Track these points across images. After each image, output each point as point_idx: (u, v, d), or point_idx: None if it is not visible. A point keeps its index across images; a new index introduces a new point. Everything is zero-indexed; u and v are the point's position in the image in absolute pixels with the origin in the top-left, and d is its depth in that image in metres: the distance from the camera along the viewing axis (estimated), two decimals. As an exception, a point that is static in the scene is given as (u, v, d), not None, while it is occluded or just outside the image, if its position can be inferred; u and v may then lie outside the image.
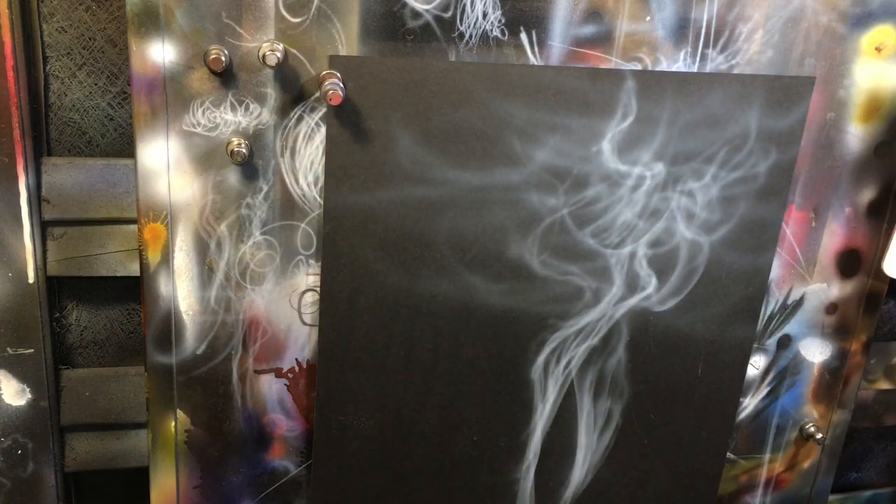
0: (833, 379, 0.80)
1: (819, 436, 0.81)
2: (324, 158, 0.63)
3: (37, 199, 0.66)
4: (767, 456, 0.82)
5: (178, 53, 0.58)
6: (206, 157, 0.61)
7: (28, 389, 0.70)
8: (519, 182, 0.65)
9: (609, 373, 0.73)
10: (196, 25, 0.58)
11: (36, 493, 0.74)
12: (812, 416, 0.81)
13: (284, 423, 0.71)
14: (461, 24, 0.61)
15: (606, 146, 0.65)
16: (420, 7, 0.60)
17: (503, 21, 0.61)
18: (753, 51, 0.65)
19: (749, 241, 0.70)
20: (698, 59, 0.65)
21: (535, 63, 0.63)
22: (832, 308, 0.77)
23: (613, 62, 0.64)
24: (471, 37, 0.61)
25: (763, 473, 0.83)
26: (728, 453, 0.80)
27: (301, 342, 0.68)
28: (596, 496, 0.77)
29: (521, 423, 0.74)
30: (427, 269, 0.67)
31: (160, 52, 0.58)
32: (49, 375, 0.71)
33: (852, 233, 0.74)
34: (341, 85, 0.59)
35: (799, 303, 0.76)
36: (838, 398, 0.81)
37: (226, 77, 0.59)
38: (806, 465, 0.84)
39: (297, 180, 0.63)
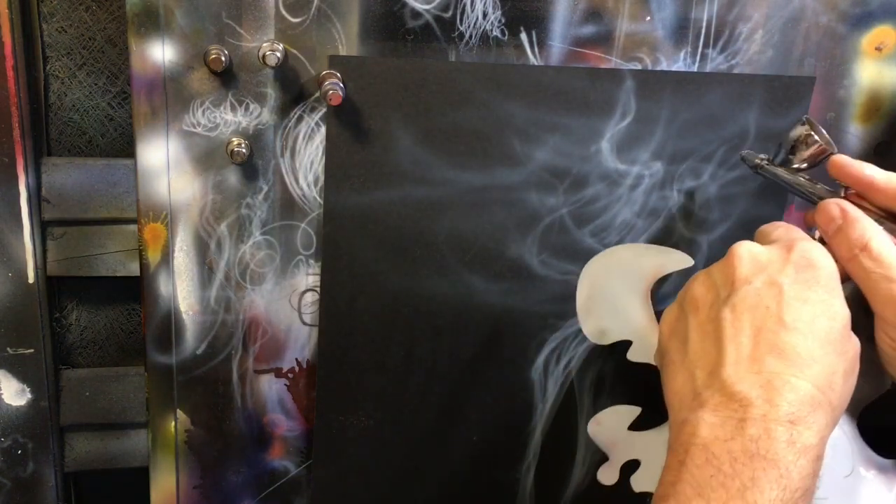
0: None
1: None
2: (324, 158, 0.63)
3: (37, 199, 0.66)
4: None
5: (178, 53, 0.58)
6: (206, 157, 0.61)
7: (28, 389, 0.70)
8: (519, 182, 0.65)
9: (609, 373, 0.73)
10: (196, 25, 0.58)
11: (36, 493, 0.74)
12: None
13: (284, 423, 0.71)
14: (461, 24, 0.61)
15: (605, 145, 0.66)
16: (420, 7, 0.60)
17: (503, 21, 0.61)
18: (753, 51, 0.65)
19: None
20: (698, 59, 0.65)
21: (535, 63, 0.63)
22: (832, 308, 0.77)
23: (613, 62, 0.64)
24: (471, 37, 0.61)
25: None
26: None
27: (301, 342, 0.68)
28: (596, 496, 0.77)
29: (521, 423, 0.74)
30: (427, 269, 0.67)
31: (160, 52, 0.58)
32: (49, 375, 0.71)
33: (852, 232, 0.74)
34: (341, 85, 0.59)
35: (799, 302, 0.76)
36: (838, 398, 0.81)
37: (226, 77, 0.59)
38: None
39: (297, 180, 0.63)
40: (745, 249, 0.54)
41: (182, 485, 0.71)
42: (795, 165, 0.59)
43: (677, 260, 0.70)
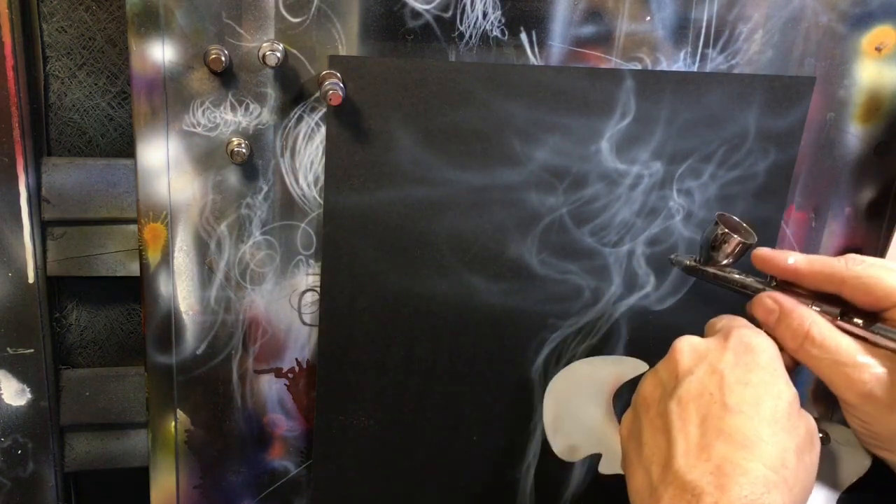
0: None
1: (819, 435, 0.81)
2: (324, 158, 0.63)
3: (37, 199, 0.66)
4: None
5: (178, 53, 0.58)
6: (206, 157, 0.61)
7: (28, 389, 0.70)
8: (519, 182, 0.65)
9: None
10: (196, 25, 0.58)
11: (36, 493, 0.74)
12: (812, 416, 0.81)
13: (284, 423, 0.71)
14: (461, 24, 0.61)
15: (605, 145, 0.66)
16: (420, 7, 0.60)
17: (503, 21, 0.61)
18: (753, 51, 0.66)
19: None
20: (698, 59, 0.65)
21: (535, 63, 0.63)
22: (832, 308, 0.77)
23: (613, 62, 0.64)
24: (471, 37, 0.61)
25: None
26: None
27: (301, 342, 0.69)
28: (596, 496, 0.77)
29: (521, 423, 0.74)
30: (427, 269, 0.67)
31: (160, 52, 0.58)
32: (49, 375, 0.71)
33: (852, 233, 0.74)
34: (341, 85, 0.59)
35: (798, 302, 0.76)
36: (838, 398, 0.81)
37: (226, 77, 0.59)
38: (805, 464, 0.84)
39: (297, 180, 0.63)
40: (685, 343, 0.55)
41: (182, 485, 0.71)
42: (723, 262, 0.59)
43: (632, 367, 0.72)
